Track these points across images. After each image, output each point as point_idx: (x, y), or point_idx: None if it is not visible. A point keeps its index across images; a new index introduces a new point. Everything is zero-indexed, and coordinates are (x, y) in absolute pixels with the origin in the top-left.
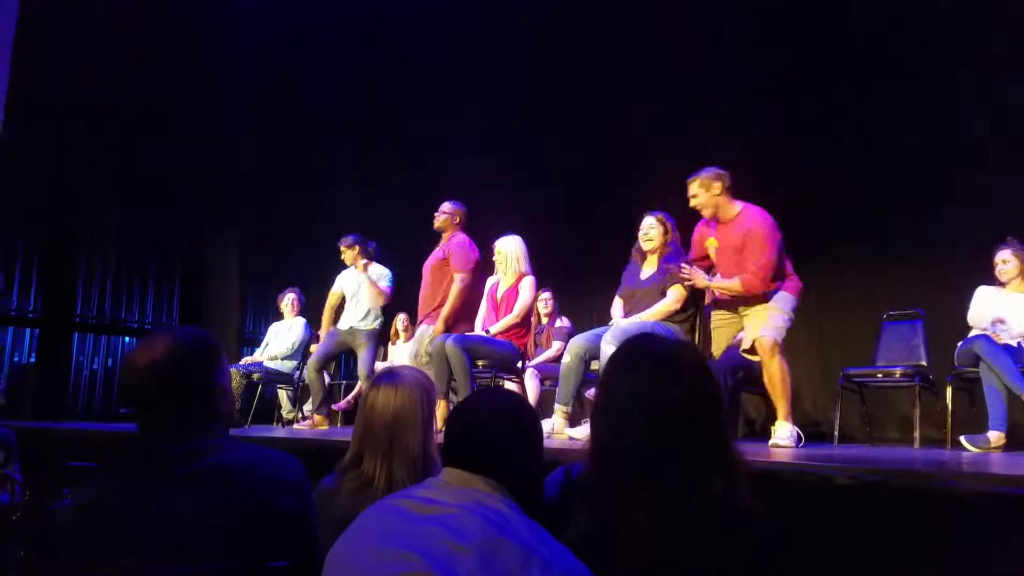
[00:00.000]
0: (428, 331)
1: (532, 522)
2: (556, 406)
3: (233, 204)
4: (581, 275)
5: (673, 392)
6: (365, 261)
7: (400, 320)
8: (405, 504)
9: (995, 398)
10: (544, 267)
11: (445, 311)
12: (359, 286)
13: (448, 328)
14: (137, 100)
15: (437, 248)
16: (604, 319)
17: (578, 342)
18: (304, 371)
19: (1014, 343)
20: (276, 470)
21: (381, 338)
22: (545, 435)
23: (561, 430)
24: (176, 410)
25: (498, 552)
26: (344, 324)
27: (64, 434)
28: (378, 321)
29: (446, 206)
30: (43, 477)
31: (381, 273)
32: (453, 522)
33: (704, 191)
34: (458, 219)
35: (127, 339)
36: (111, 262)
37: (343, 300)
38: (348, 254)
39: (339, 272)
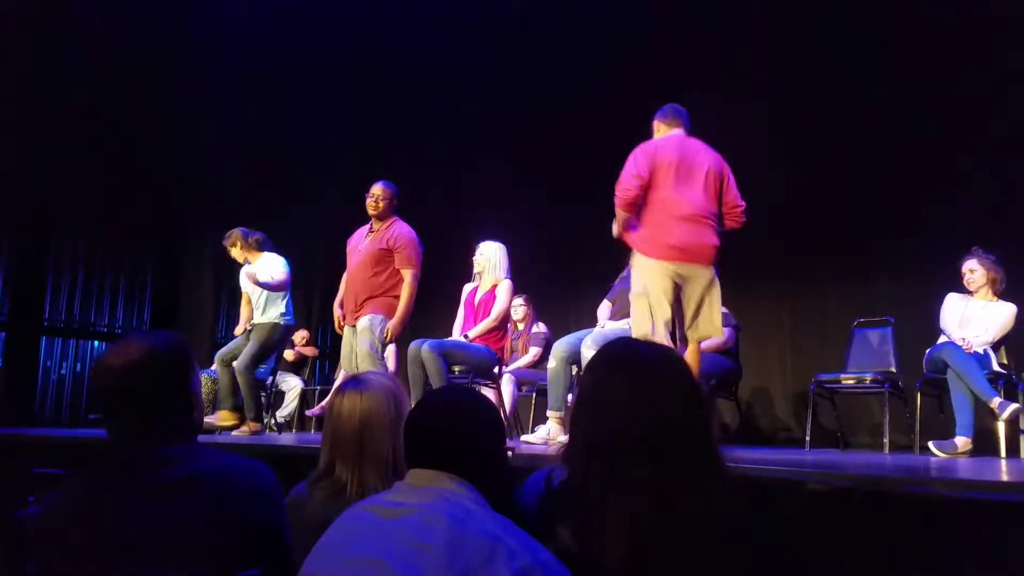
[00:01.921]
0: (369, 323)
1: (498, 515)
2: (549, 412)
3: (208, 207)
4: (562, 279)
5: (664, 398)
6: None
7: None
8: (371, 510)
9: (962, 404)
10: (525, 272)
11: (401, 312)
12: (256, 273)
13: (402, 331)
14: (115, 102)
15: (372, 234)
16: (583, 323)
17: (562, 346)
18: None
19: (981, 350)
20: (248, 479)
21: (286, 332)
22: (541, 441)
23: (556, 436)
24: (150, 415)
25: (463, 547)
26: (254, 321)
27: (30, 440)
28: (276, 314)
29: (383, 189)
30: (8, 484)
31: (275, 263)
32: (417, 522)
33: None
34: (395, 203)
35: (97, 344)
36: (81, 264)
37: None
38: (233, 251)
39: (293, 277)
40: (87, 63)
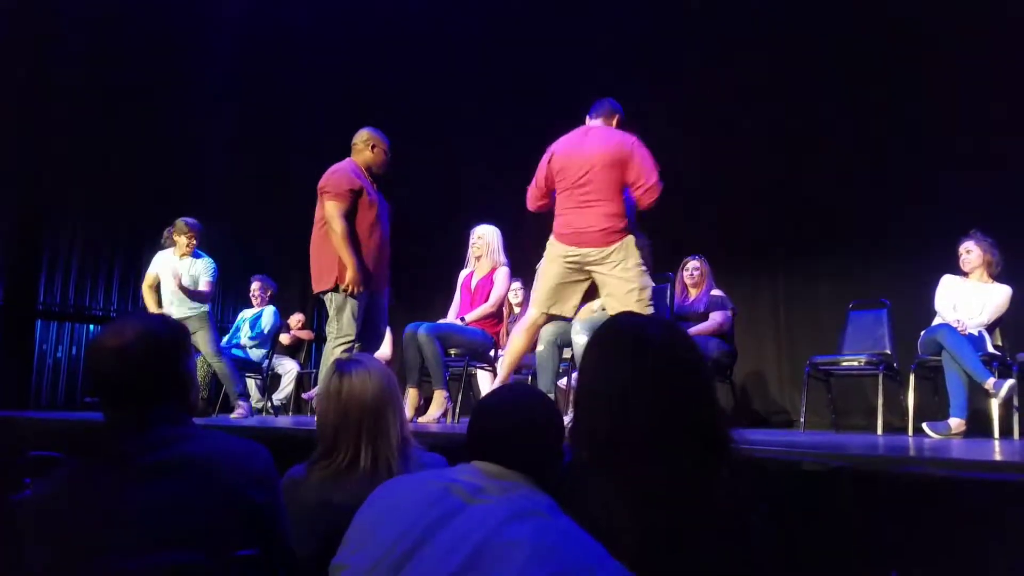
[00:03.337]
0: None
1: (573, 521)
2: None
3: (202, 187)
4: None
5: (671, 377)
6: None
7: None
8: (450, 488)
9: (956, 386)
10: (522, 257)
11: None
12: (185, 275)
13: None
14: (109, 82)
15: (382, 196)
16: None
17: (550, 329)
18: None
19: (976, 332)
20: (244, 460)
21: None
22: None
23: None
24: (145, 398)
25: (551, 549)
26: (171, 314)
27: (26, 423)
28: (206, 305)
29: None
30: (4, 467)
31: (205, 266)
32: (504, 515)
33: None
34: None
35: (92, 327)
36: (76, 247)
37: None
38: (183, 240)
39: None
40: (89, 47)
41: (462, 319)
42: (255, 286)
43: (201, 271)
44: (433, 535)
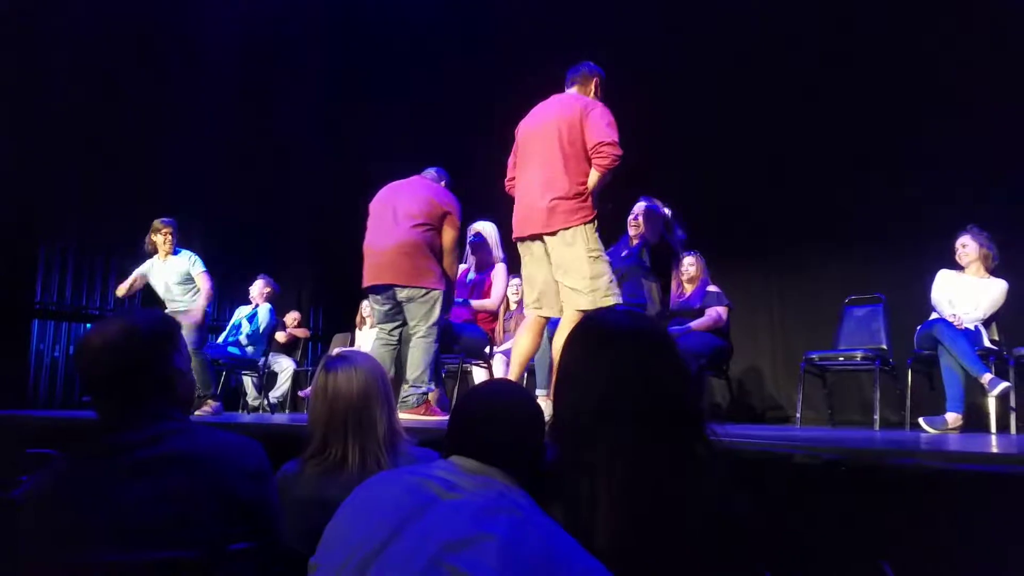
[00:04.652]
0: None
1: (548, 517)
2: (537, 391)
3: (198, 187)
4: None
5: (657, 370)
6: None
7: (366, 306)
8: (424, 484)
9: (953, 380)
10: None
11: None
12: (171, 273)
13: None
14: (103, 79)
15: None
16: None
17: (548, 325)
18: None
19: (972, 327)
20: (237, 455)
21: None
22: None
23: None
24: (132, 394)
25: (522, 545)
26: (179, 308)
27: (23, 422)
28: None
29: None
30: (1, 465)
31: (191, 259)
32: (477, 510)
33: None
34: None
35: (89, 326)
36: (73, 245)
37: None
38: (159, 239)
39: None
40: (81, 40)
41: (465, 300)
42: (259, 283)
43: (188, 265)
44: (404, 530)
